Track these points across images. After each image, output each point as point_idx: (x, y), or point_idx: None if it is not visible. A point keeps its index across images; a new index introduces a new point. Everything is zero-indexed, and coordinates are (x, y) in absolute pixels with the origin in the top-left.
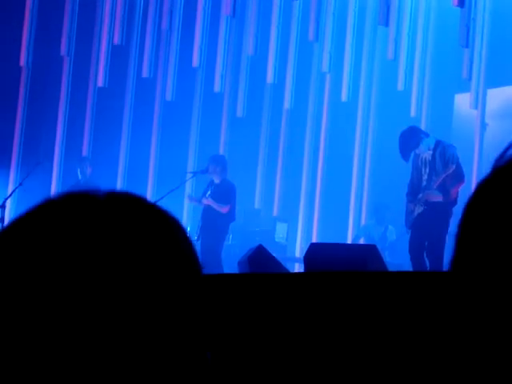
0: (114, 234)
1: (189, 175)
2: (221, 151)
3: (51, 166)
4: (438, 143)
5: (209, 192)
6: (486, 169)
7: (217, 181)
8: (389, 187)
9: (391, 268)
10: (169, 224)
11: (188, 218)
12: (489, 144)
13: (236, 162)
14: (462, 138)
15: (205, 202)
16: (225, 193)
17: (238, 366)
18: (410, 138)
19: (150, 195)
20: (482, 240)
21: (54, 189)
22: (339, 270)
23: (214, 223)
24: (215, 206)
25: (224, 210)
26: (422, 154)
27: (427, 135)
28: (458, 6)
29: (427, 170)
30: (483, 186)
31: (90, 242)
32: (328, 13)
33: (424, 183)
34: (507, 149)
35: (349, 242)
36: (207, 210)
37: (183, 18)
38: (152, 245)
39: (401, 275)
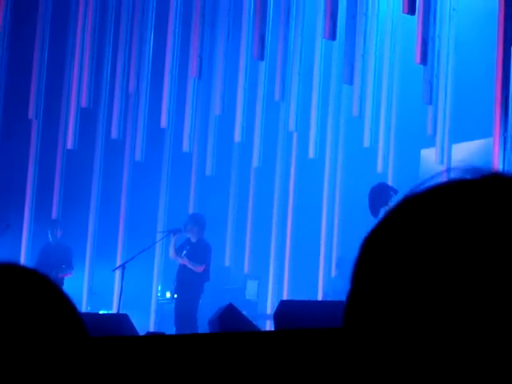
0: None
1: (159, 235)
2: (190, 209)
3: (21, 228)
4: None
5: (184, 252)
6: None
7: (193, 240)
8: (358, 242)
9: None
10: (46, 289)
11: (160, 277)
12: None
13: (205, 220)
14: None
15: (180, 261)
16: (201, 252)
17: None
18: (379, 195)
19: (120, 255)
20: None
21: (24, 251)
22: (309, 326)
23: (189, 282)
24: (190, 265)
25: (199, 269)
26: None
27: (396, 192)
28: (420, 63)
29: None
30: (379, 225)
31: None
32: (293, 73)
33: None
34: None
35: (319, 297)
36: (182, 269)
37: (151, 80)
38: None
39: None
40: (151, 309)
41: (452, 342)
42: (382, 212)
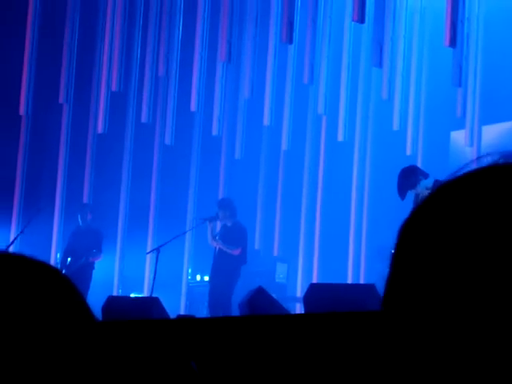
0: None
1: (194, 222)
2: (220, 193)
3: (52, 212)
4: (436, 183)
5: (217, 236)
6: None
7: (229, 224)
8: (387, 225)
9: None
10: (52, 279)
11: (191, 260)
12: None
13: (235, 203)
14: None
15: (215, 244)
16: (236, 235)
17: None
18: (408, 178)
19: (150, 239)
20: (416, 263)
21: (56, 235)
22: (339, 309)
23: (226, 266)
24: (226, 249)
25: (235, 252)
26: (420, 194)
27: (426, 176)
28: (449, 46)
29: None
30: (417, 211)
31: None
32: (322, 56)
33: None
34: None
35: (349, 280)
36: (219, 253)
37: (180, 63)
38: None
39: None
40: (182, 292)
41: (494, 328)
42: (410, 195)
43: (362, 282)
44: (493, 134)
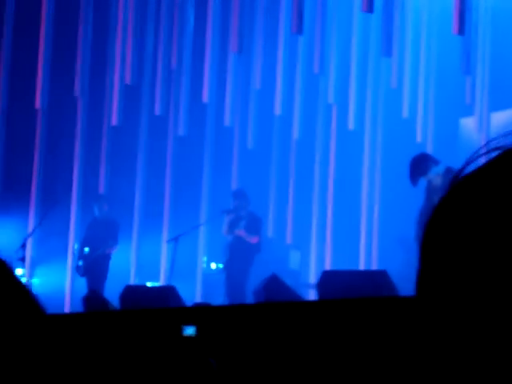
0: None
1: (216, 214)
2: (233, 183)
3: (69, 204)
4: (448, 170)
5: (234, 225)
6: None
7: (244, 214)
8: (399, 212)
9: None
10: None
11: (206, 249)
12: None
13: (248, 192)
14: None
15: (237, 233)
16: (254, 224)
17: None
18: (419, 165)
19: (166, 228)
20: (444, 258)
21: (73, 226)
22: (352, 296)
23: (241, 254)
24: (246, 236)
25: (254, 240)
26: (432, 180)
27: (437, 163)
28: (458, 33)
29: (438, 198)
30: (441, 204)
31: None
32: (332, 46)
33: None
34: (465, 166)
35: (361, 267)
36: (235, 241)
37: (192, 56)
38: None
39: (412, 299)
40: (197, 280)
41: None
42: (421, 182)
43: (374, 268)
44: (502, 121)
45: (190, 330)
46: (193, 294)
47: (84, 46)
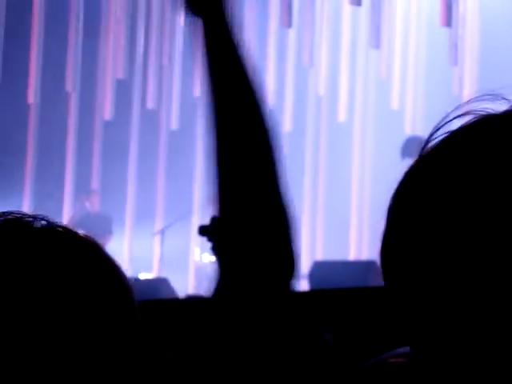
0: (46, 264)
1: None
2: None
3: (61, 198)
4: None
5: None
6: None
7: None
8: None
9: None
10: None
11: (198, 240)
12: None
13: None
14: None
15: None
16: None
17: None
18: (407, 147)
19: (159, 223)
20: (409, 227)
21: (66, 221)
22: (342, 286)
23: None
24: None
25: None
26: None
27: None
28: (446, 26)
29: None
30: (411, 169)
31: (20, 272)
32: (322, 39)
33: None
34: (435, 131)
35: (351, 257)
36: None
37: (183, 49)
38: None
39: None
40: (189, 272)
41: (494, 290)
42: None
43: (364, 258)
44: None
45: None
46: (186, 285)
47: (76, 40)
